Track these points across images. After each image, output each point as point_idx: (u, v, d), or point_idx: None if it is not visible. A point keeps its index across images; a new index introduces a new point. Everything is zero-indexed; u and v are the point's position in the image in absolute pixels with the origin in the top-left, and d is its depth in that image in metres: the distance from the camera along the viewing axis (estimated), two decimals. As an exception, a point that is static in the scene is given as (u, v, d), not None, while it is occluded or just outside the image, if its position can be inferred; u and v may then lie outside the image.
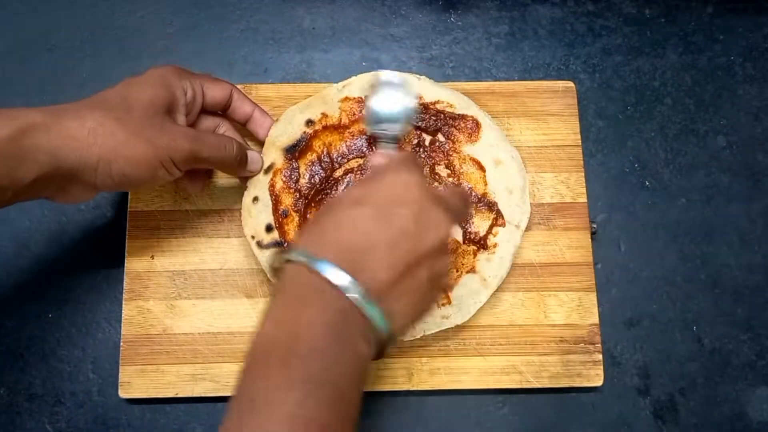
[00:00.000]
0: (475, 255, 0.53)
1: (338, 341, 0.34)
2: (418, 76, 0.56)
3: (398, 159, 0.43)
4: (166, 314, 0.54)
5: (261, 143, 0.55)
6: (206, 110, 0.52)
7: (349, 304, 0.34)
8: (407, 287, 0.37)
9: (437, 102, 0.55)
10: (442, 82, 0.58)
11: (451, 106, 0.55)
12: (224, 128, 0.54)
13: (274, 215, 0.53)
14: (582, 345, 0.54)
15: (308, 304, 0.35)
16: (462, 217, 0.47)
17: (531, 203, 0.57)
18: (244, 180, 0.54)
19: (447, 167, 0.55)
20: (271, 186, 0.54)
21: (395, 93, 0.53)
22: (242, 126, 0.55)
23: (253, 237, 0.53)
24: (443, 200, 0.40)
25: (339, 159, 0.55)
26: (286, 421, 0.31)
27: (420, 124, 0.55)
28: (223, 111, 0.54)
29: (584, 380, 0.54)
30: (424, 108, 0.55)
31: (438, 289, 0.41)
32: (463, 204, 0.45)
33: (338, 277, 0.34)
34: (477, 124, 0.55)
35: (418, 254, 0.37)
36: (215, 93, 0.52)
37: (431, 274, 0.38)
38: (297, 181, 0.54)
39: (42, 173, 0.42)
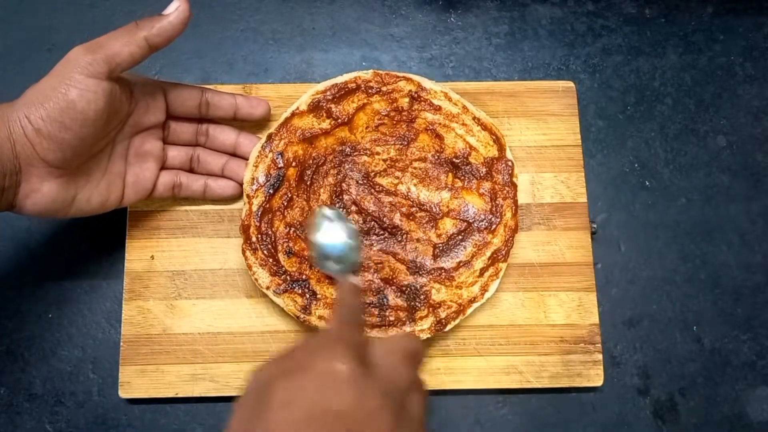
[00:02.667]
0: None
1: None
2: (417, 75, 0.56)
3: (326, 339, 0.38)
4: (166, 314, 0.54)
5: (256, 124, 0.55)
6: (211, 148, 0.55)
7: None
8: None
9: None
10: (442, 82, 0.58)
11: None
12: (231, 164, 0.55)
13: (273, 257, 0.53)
14: (582, 345, 0.54)
15: None
16: (411, 390, 0.39)
17: (531, 203, 0.57)
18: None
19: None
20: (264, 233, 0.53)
21: (338, 227, 0.50)
22: (233, 119, 0.55)
23: (268, 287, 0.52)
24: (381, 384, 0.37)
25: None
26: None
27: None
28: (201, 114, 0.53)
29: (584, 380, 0.54)
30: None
31: None
32: (412, 365, 0.40)
33: None
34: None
35: None
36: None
37: None
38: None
39: None
